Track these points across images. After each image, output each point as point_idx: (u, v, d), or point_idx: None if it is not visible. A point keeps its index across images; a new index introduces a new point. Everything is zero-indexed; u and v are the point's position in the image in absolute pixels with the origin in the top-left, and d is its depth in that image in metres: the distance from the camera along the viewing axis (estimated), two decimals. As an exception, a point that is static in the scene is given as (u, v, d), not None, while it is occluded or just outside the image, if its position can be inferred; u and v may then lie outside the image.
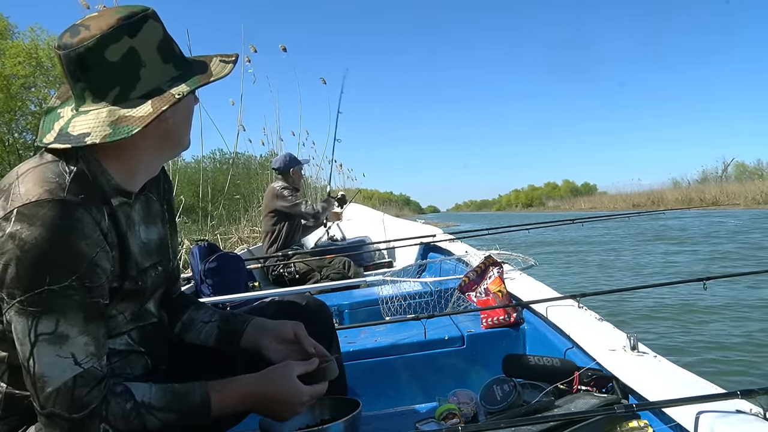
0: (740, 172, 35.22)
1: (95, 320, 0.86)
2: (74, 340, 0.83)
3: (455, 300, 2.21)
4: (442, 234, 4.23)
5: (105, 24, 0.88)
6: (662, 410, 1.08)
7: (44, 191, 0.83)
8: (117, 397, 0.86)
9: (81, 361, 0.83)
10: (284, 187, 3.97)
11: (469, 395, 1.39)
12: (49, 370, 0.81)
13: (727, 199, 25.34)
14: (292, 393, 1.00)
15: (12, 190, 0.85)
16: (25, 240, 0.80)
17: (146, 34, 0.91)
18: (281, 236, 3.95)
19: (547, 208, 57.05)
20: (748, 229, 12.93)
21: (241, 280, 2.97)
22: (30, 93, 14.31)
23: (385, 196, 15.87)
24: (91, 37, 0.87)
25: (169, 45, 0.95)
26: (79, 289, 0.83)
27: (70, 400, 0.82)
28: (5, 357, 0.90)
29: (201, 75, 0.95)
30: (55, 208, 0.82)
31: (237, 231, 7.60)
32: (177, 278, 1.20)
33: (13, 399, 0.91)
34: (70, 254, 0.82)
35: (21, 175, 0.87)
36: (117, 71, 0.89)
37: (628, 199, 39.22)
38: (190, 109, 1.03)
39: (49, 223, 0.81)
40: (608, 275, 7.50)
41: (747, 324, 4.28)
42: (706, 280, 1.92)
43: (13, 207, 0.82)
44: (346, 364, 1.60)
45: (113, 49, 0.88)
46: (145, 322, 1.05)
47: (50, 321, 0.81)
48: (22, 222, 0.81)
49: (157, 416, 0.89)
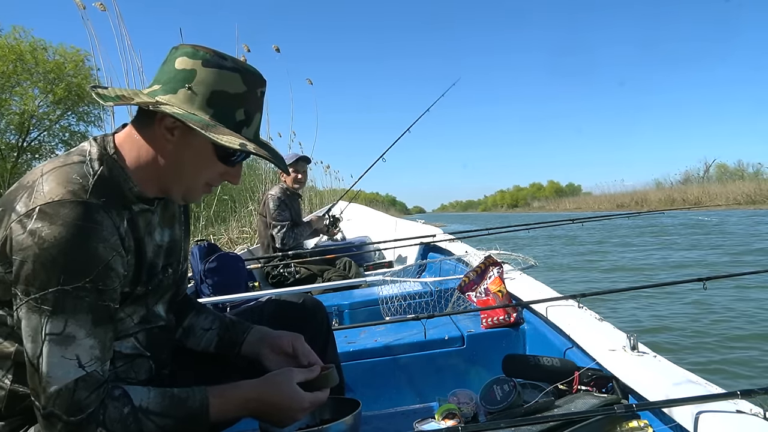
0: (721, 173, 35.55)
1: (103, 324, 0.86)
2: (81, 342, 0.83)
3: (455, 300, 2.21)
4: (442, 234, 4.23)
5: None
6: (662, 410, 1.08)
7: (67, 191, 0.85)
8: (115, 401, 0.86)
9: (85, 364, 0.83)
10: (280, 200, 3.83)
11: (469, 395, 1.39)
12: (53, 370, 0.82)
13: (710, 199, 25.59)
14: (293, 399, 1.00)
15: (35, 188, 0.86)
16: (44, 238, 0.81)
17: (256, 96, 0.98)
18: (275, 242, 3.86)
19: (532, 208, 57.42)
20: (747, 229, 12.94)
21: (241, 280, 2.96)
22: (14, 92, 14.22)
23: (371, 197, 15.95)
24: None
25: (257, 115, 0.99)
26: (92, 291, 0.83)
27: (69, 402, 0.82)
28: (12, 353, 0.90)
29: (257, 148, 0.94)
30: (77, 209, 0.83)
31: (227, 231, 7.60)
32: (185, 281, 1.21)
33: (16, 396, 0.92)
34: (86, 256, 0.83)
35: (45, 174, 0.88)
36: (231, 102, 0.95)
37: (613, 200, 39.73)
38: (207, 163, 0.97)
39: (69, 223, 0.82)
40: (608, 275, 7.51)
41: (747, 324, 4.28)
42: (706, 279, 1.92)
43: (35, 205, 0.83)
44: (347, 364, 1.61)
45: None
46: (153, 324, 1.05)
47: (59, 321, 0.82)
48: (44, 220, 0.82)
49: (155, 421, 0.89)
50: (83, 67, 17.17)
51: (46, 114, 17.74)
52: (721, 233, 12.15)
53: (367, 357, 1.85)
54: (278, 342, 1.15)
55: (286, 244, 3.80)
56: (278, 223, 3.81)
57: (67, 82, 17.01)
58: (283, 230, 3.80)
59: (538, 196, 68.70)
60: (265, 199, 3.98)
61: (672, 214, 18.15)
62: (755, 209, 21.80)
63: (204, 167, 0.97)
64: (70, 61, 17.25)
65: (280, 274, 3.77)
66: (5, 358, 0.91)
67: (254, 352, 1.16)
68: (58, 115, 18.13)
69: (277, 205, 3.83)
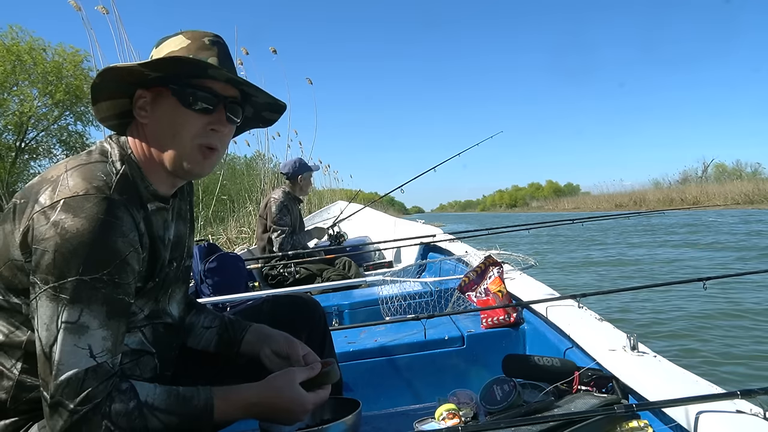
0: (720, 173, 35.63)
1: (117, 317, 0.88)
2: (93, 332, 0.84)
3: (455, 300, 2.21)
4: (442, 234, 4.22)
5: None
6: (662, 410, 1.08)
7: (92, 187, 0.88)
8: (121, 395, 0.87)
9: (96, 355, 0.85)
10: (282, 204, 3.82)
11: (469, 395, 1.39)
12: (65, 357, 0.83)
13: (708, 199, 25.65)
14: (296, 402, 1.00)
15: (60, 182, 0.89)
16: (67, 229, 0.83)
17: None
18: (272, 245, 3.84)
19: (531, 208, 57.50)
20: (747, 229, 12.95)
21: (241, 280, 2.96)
22: (12, 92, 14.17)
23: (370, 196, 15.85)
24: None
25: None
26: (108, 284, 0.86)
27: (78, 391, 0.83)
28: (23, 342, 0.91)
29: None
30: (101, 203, 0.86)
31: (225, 232, 7.61)
32: (188, 277, 1.22)
33: (24, 387, 0.92)
34: (106, 249, 0.85)
35: (70, 170, 0.91)
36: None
37: (611, 200, 39.81)
38: (181, 119, 0.97)
39: (92, 216, 0.85)
40: (608, 275, 7.51)
41: (747, 324, 4.28)
42: (706, 280, 1.92)
43: (60, 197, 0.86)
44: (347, 364, 1.61)
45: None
46: (160, 320, 1.06)
47: (75, 310, 0.83)
48: (67, 212, 0.84)
49: (159, 417, 0.89)
50: (81, 67, 17.17)
51: (45, 115, 17.72)
52: (720, 233, 12.16)
53: (367, 357, 1.85)
54: (276, 343, 1.17)
55: (284, 250, 3.80)
56: (279, 227, 3.81)
57: (67, 83, 17.00)
58: (282, 236, 3.80)
59: (536, 196, 68.76)
60: (267, 201, 3.97)
61: (672, 214, 18.17)
62: (753, 209, 21.82)
63: (180, 124, 0.97)
64: (69, 62, 17.23)
65: (279, 274, 3.77)
66: (16, 347, 0.92)
67: (253, 351, 1.18)
68: (56, 116, 18.11)
69: (279, 209, 3.82)
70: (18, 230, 0.88)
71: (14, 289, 0.90)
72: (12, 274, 0.90)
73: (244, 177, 9.87)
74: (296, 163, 4.04)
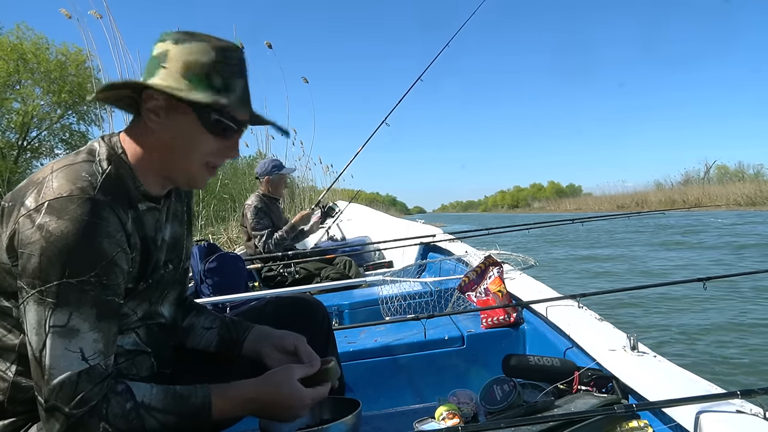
0: (722, 174, 35.58)
1: (107, 318, 0.87)
2: (84, 335, 0.84)
3: (455, 300, 2.21)
4: (442, 234, 4.22)
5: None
6: (662, 410, 1.08)
7: (76, 188, 0.86)
8: (118, 396, 0.87)
9: (88, 357, 0.84)
10: (256, 209, 3.79)
11: (469, 395, 1.39)
12: (56, 362, 0.82)
13: (710, 200, 25.65)
14: (294, 397, 1.00)
15: (45, 184, 0.88)
16: (51, 232, 0.82)
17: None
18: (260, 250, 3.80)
19: (533, 209, 57.29)
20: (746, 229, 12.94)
21: (241, 280, 2.96)
22: (15, 91, 14.15)
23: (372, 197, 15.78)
24: None
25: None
26: (96, 286, 0.85)
27: (72, 395, 0.82)
28: (16, 345, 0.91)
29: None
30: (85, 205, 0.85)
31: (226, 231, 7.61)
32: (186, 279, 1.21)
33: (19, 388, 0.92)
34: (91, 250, 0.84)
35: (55, 171, 0.90)
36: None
37: (613, 201, 39.74)
38: (197, 139, 0.96)
39: (76, 218, 0.84)
40: (608, 275, 7.50)
41: (747, 324, 4.28)
42: (706, 280, 1.92)
43: (45, 200, 0.85)
44: (347, 364, 1.61)
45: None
46: (154, 321, 1.06)
47: (63, 314, 0.83)
48: (52, 215, 0.83)
49: (157, 417, 0.89)
50: (84, 67, 17.16)
51: (48, 114, 17.73)
52: (722, 234, 12.15)
53: (367, 357, 1.85)
54: (281, 341, 1.15)
55: (270, 251, 3.79)
56: (257, 232, 3.80)
57: (70, 83, 17.00)
58: (263, 238, 3.80)
59: (538, 196, 68.62)
60: (243, 210, 3.98)
61: (672, 215, 18.18)
62: (756, 210, 21.81)
63: (195, 144, 0.96)
64: (72, 61, 17.23)
65: (279, 274, 3.77)
66: (9, 350, 0.92)
67: (256, 352, 1.16)
68: (58, 115, 18.12)
69: (254, 213, 3.81)
70: (5, 234, 0.88)
71: (4, 293, 0.90)
72: (1, 278, 0.89)
73: (245, 176, 9.88)
74: (266, 164, 4.03)
